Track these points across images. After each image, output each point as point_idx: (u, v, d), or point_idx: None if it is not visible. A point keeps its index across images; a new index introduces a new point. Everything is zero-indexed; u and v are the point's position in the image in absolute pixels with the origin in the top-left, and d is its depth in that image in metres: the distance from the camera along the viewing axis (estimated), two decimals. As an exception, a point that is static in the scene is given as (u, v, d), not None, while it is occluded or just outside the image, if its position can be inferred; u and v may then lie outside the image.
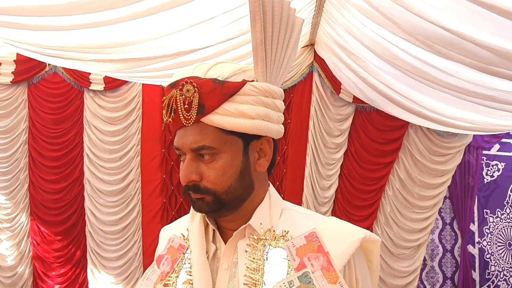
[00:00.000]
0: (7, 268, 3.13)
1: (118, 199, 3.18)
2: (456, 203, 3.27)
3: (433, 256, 3.29)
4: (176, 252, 0.81)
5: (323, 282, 0.68)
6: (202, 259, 0.74)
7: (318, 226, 0.74)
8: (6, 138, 3.18)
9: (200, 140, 0.70)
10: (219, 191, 0.71)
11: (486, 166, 3.33)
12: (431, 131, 3.16)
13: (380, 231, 3.26)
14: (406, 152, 3.24)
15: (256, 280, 0.71)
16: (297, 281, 0.69)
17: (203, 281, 0.72)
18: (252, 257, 0.72)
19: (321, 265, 0.69)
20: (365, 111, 3.21)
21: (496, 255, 3.24)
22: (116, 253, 3.16)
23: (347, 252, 0.70)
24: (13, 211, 3.17)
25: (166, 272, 0.79)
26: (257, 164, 0.75)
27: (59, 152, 3.19)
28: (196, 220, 0.79)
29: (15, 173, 3.18)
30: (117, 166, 3.18)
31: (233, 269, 0.74)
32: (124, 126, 3.19)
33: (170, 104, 0.71)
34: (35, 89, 3.21)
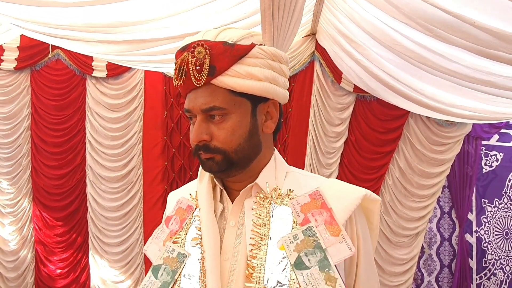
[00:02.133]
0: (10, 253, 3.16)
1: (120, 186, 3.21)
2: (454, 193, 3.31)
3: (431, 244, 3.33)
4: (184, 213, 0.84)
5: (326, 235, 0.71)
6: (211, 216, 0.77)
7: (321, 185, 0.77)
8: (8, 124, 3.20)
9: (210, 101, 0.73)
10: (229, 150, 0.74)
11: (485, 156, 3.36)
12: (431, 121, 3.19)
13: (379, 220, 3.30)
14: (406, 142, 3.27)
15: (262, 234, 0.74)
16: (302, 234, 0.72)
17: (212, 237, 0.75)
18: (259, 214, 0.75)
19: (324, 220, 0.73)
20: (365, 101, 3.23)
21: (493, 244, 3.29)
22: (117, 239, 3.19)
23: (349, 208, 0.73)
24: (16, 196, 3.20)
25: (175, 231, 0.82)
26: (264, 126, 0.78)
27: (61, 138, 3.21)
28: (204, 181, 0.82)
29: (18, 158, 3.20)
30: (119, 152, 3.21)
31: (240, 227, 0.77)
32: (126, 113, 3.21)
33: (182, 67, 0.74)
34: (38, 75, 3.23)
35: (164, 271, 0.77)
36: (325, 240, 0.71)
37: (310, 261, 0.69)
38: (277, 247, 0.72)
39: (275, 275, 0.70)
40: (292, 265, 0.70)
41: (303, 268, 0.69)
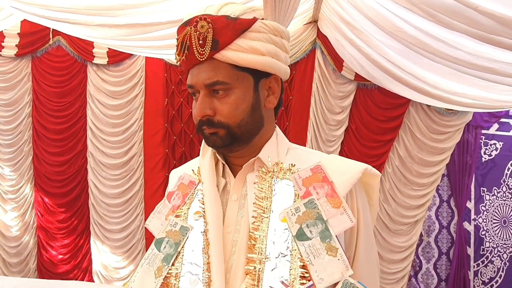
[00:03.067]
0: (12, 238, 3.19)
1: (121, 173, 3.23)
2: (453, 181, 3.33)
3: (429, 232, 3.36)
4: (186, 188, 0.85)
5: (328, 207, 0.72)
6: (213, 190, 0.79)
7: (322, 160, 0.79)
8: (10, 111, 3.21)
9: (213, 76, 0.73)
10: (232, 124, 0.75)
11: (484, 145, 3.37)
12: (432, 109, 3.20)
13: (378, 207, 3.32)
14: (406, 130, 3.28)
15: (264, 207, 0.75)
16: (303, 207, 0.73)
17: (215, 210, 0.77)
18: (261, 188, 0.77)
19: (325, 193, 0.74)
20: (366, 89, 3.24)
21: (491, 232, 3.32)
22: (118, 226, 3.22)
23: (349, 182, 0.75)
24: (18, 183, 3.22)
25: (177, 205, 0.84)
26: (266, 101, 0.79)
27: (62, 125, 3.22)
28: (206, 156, 0.83)
29: (19, 145, 3.22)
30: (120, 140, 3.22)
31: (242, 201, 0.79)
32: (127, 100, 3.22)
33: (184, 42, 0.74)
34: (38, 62, 3.23)
35: (167, 244, 0.78)
36: (326, 212, 0.72)
37: (312, 232, 0.71)
38: (279, 220, 0.74)
39: (277, 246, 0.72)
40: (294, 236, 0.71)
41: (304, 239, 0.71)
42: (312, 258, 0.69)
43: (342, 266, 0.68)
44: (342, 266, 0.68)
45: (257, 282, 0.69)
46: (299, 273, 0.69)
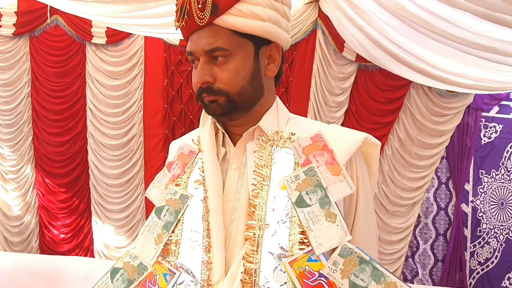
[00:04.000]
0: (14, 218, 3.23)
1: (121, 153, 3.23)
2: (452, 163, 3.34)
3: (427, 213, 3.39)
4: (186, 157, 0.85)
5: (327, 175, 0.73)
6: (213, 158, 0.79)
7: (322, 129, 0.79)
8: (9, 91, 3.20)
9: (213, 41, 0.73)
10: (232, 92, 0.74)
11: (484, 128, 3.37)
12: (432, 91, 3.18)
13: (377, 189, 3.34)
14: (407, 112, 3.27)
15: (264, 175, 0.76)
16: (303, 175, 0.74)
17: (214, 178, 0.77)
18: (261, 156, 0.77)
19: (325, 160, 0.74)
20: (367, 70, 3.21)
21: (488, 214, 3.35)
22: (119, 206, 3.25)
23: (349, 150, 0.75)
24: (18, 163, 3.23)
25: (177, 175, 0.84)
26: (267, 69, 0.79)
27: (62, 105, 3.22)
28: (206, 125, 0.83)
29: (19, 125, 3.22)
30: (120, 120, 3.22)
31: (242, 169, 0.79)
32: (126, 81, 3.20)
33: (184, 6, 0.73)
34: (37, 41, 3.19)
35: (167, 212, 0.79)
36: (326, 179, 0.73)
37: (311, 199, 0.72)
38: (278, 187, 0.74)
39: (277, 213, 0.72)
40: (293, 203, 0.72)
41: (304, 206, 0.71)
42: (311, 224, 0.70)
43: (341, 231, 0.69)
44: (341, 232, 0.69)
45: (256, 248, 0.70)
46: (298, 239, 0.70)
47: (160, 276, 0.74)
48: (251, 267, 0.69)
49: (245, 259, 0.70)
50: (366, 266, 0.66)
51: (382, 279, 0.66)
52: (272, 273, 0.69)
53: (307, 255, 0.68)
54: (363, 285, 0.65)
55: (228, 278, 0.70)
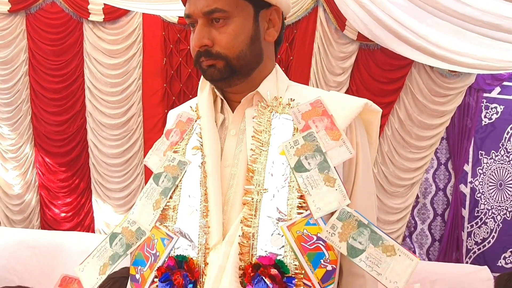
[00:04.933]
0: (15, 196, 3.24)
1: (120, 133, 3.23)
2: (452, 144, 3.33)
3: (425, 194, 3.41)
4: (184, 125, 0.85)
5: (327, 139, 0.72)
6: (211, 123, 0.78)
7: (322, 95, 0.78)
8: (6, 69, 3.17)
9: (212, 3, 0.71)
10: (231, 55, 0.73)
11: (485, 109, 3.36)
12: (434, 71, 3.15)
13: (376, 169, 3.35)
14: (408, 92, 3.25)
15: (262, 141, 0.75)
16: (302, 140, 0.73)
17: (213, 143, 0.76)
18: (259, 121, 0.76)
19: (325, 126, 0.73)
20: (368, 49, 3.17)
21: (486, 194, 3.36)
22: (119, 185, 3.26)
23: (349, 116, 0.74)
24: (17, 142, 3.22)
25: (175, 142, 0.84)
26: (266, 33, 0.77)
27: (60, 84, 3.19)
28: (205, 92, 0.82)
29: (17, 104, 3.20)
30: (119, 100, 3.19)
31: (241, 136, 0.78)
32: (124, 60, 3.16)
33: None
34: (33, 19, 3.15)
35: (165, 178, 0.79)
36: (325, 144, 0.72)
37: (310, 164, 0.71)
38: (277, 153, 0.74)
39: (275, 178, 0.72)
40: (292, 168, 0.72)
41: (302, 171, 0.71)
42: (310, 189, 0.70)
43: (340, 196, 0.69)
44: (340, 196, 0.69)
45: (254, 212, 0.70)
46: (297, 203, 0.70)
47: (158, 240, 0.74)
48: (249, 231, 0.69)
49: (243, 223, 0.70)
50: (364, 229, 0.67)
51: (380, 242, 0.66)
52: (270, 237, 0.69)
53: (305, 219, 0.68)
54: (361, 248, 0.66)
55: (226, 241, 0.70)
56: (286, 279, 0.65)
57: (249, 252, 0.69)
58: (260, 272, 0.65)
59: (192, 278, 0.69)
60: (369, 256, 0.65)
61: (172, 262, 0.70)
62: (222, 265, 0.67)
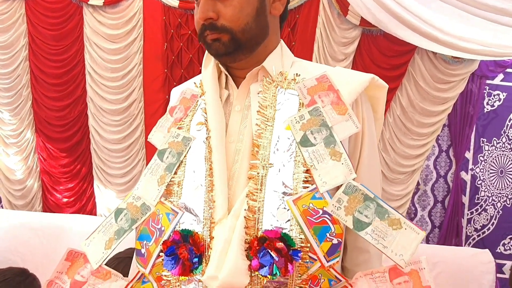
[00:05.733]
0: (17, 182, 3.25)
1: (121, 118, 3.22)
2: (454, 131, 3.33)
3: (426, 181, 3.42)
4: (188, 101, 0.84)
5: (333, 114, 0.72)
6: (216, 99, 0.77)
7: (328, 70, 0.77)
8: (6, 54, 3.14)
9: None
10: (236, 29, 0.72)
11: (487, 96, 3.34)
12: (437, 57, 3.13)
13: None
14: (410, 79, 3.23)
15: (268, 116, 0.74)
16: (308, 115, 0.73)
17: (217, 118, 0.76)
18: (264, 97, 0.76)
19: (331, 100, 0.73)
20: (371, 35, 3.14)
21: (487, 181, 3.37)
22: (121, 170, 3.26)
23: (356, 90, 0.74)
24: (18, 127, 3.22)
25: (179, 118, 0.83)
26: (272, 7, 0.76)
27: (60, 69, 3.17)
28: (209, 67, 0.81)
29: (18, 89, 3.18)
30: (120, 85, 3.18)
31: (245, 111, 0.78)
32: (125, 44, 3.14)
33: None
34: (32, 3, 3.11)
35: (169, 154, 0.78)
36: (331, 119, 0.71)
37: (316, 138, 0.71)
38: (282, 127, 0.73)
39: (280, 153, 0.72)
40: (298, 143, 0.71)
41: (308, 145, 0.71)
42: (315, 163, 0.69)
43: (346, 169, 0.68)
44: (346, 170, 0.68)
45: (260, 186, 0.70)
46: (303, 178, 0.69)
47: (163, 215, 0.74)
48: (254, 205, 0.69)
49: (249, 197, 0.70)
50: (371, 203, 0.66)
51: (386, 215, 0.66)
52: (276, 211, 0.69)
53: (311, 193, 0.68)
54: (367, 221, 0.66)
55: (232, 215, 0.70)
56: (292, 252, 0.65)
57: (255, 226, 0.69)
58: (266, 245, 0.65)
59: (198, 252, 0.69)
60: (375, 230, 0.65)
61: (178, 236, 0.70)
62: (227, 238, 0.67)
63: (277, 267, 0.65)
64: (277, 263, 0.65)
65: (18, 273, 1.25)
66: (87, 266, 0.76)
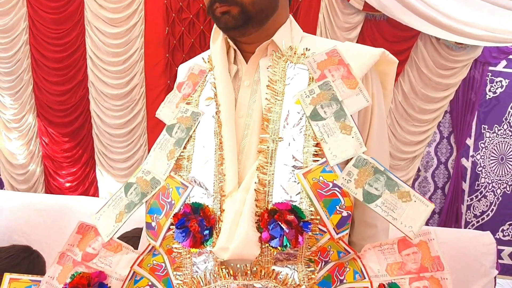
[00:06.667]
0: (19, 166, 3.26)
1: (123, 103, 3.21)
2: (455, 118, 3.33)
3: (427, 167, 3.43)
4: (197, 77, 0.84)
5: (343, 88, 0.72)
6: (225, 73, 0.77)
7: (338, 45, 0.76)
8: (6, 38, 3.12)
9: None
10: (246, 1, 0.71)
11: (490, 82, 3.33)
12: (441, 43, 3.11)
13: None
14: (413, 65, 3.21)
15: (277, 91, 0.74)
16: (318, 89, 0.72)
17: (226, 92, 0.76)
18: (274, 71, 0.75)
19: (341, 75, 0.73)
20: (374, 20, 3.12)
21: (487, 168, 3.39)
22: (123, 155, 3.27)
23: (366, 64, 0.73)
24: (20, 112, 3.21)
25: (188, 94, 0.83)
26: None
27: (61, 53, 3.15)
28: (217, 42, 0.81)
29: (19, 74, 3.17)
30: (121, 70, 3.16)
31: (255, 86, 0.78)
32: (126, 28, 3.11)
33: None
34: (32, -15, 3.07)
35: (178, 129, 0.78)
36: (341, 93, 0.71)
37: (326, 112, 0.71)
38: (292, 102, 0.73)
39: (290, 127, 0.72)
40: (308, 117, 0.71)
41: (318, 119, 0.71)
42: (325, 137, 0.70)
43: (356, 143, 0.69)
44: (356, 143, 0.69)
45: (270, 160, 0.70)
46: (313, 151, 0.70)
47: (173, 189, 0.74)
48: (264, 178, 0.69)
49: (259, 170, 0.70)
50: (381, 176, 0.67)
51: (396, 188, 0.66)
52: (286, 184, 0.69)
53: (321, 166, 0.69)
54: (377, 193, 0.66)
55: (242, 188, 0.70)
56: (302, 224, 0.66)
57: (265, 199, 0.69)
58: (277, 217, 0.66)
59: (208, 224, 0.70)
60: (385, 202, 0.65)
61: (188, 209, 0.70)
62: (238, 210, 0.68)
63: (287, 238, 0.66)
64: (287, 235, 0.65)
65: (22, 249, 1.26)
66: (98, 239, 0.77)
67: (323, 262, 0.71)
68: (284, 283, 0.69)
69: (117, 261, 0.76)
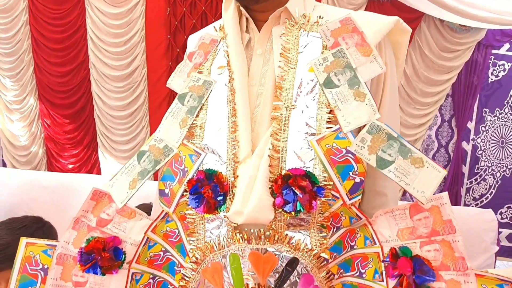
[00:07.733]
0: (21, 148, 3.26)
1: (124, 85, 3.19)
2: (457, 101, 3.33)
3: (427, 150, 3.45)
4: (208, 46, 0.83)
5: (357, 56, 0.72)
6: (238, 41, 0.77)
7: (352, 13, 0.76)
8: (6, 18, 3.08)
9: None
10: None
11: (492, 66, 3.32)
12: (444, 26, 3.09)
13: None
14: (415, 47, 3.20)
15: (290, 59, 0.74)
16: (332, 57, 0.72)
17: (239, 60, 0.75)
18: (287, 39, 0.75)
19: (355, 42, 0.72)
20: (378, 2, 3.09)
21: (487, 152, 3.41)
22: (125, 137, 3.27)
23: (380, 32, 0.73)
24: (21, 93, 3.20)
25: (199, 63, 0.83)
26: None
27: (61, 34, 3.12)
28: (229, 10, 0.80)
29: (19, 55, 3.14)
30: (122, 51, 3.13)
31: (267, 55, 0.77)
32: (127, 9, 3.07)
33: None
34: (31, -36, 3.02)
35: (190, 98, 0.78)
36: (355, 61, 0.71)
37: (340, 80, 0.71)
38: (305, 70, 0.73)
39: (303, 95, 0.72)
40: (321, 84, 0.71)
41: (332, 87, 0.71)
42: (339, 104, 0.70)
43: (370, 110, 0.69)
44: (370, 110, 0.69)
45: (283, 127, 0.71)
46: (326, 118, 0.70)
47: (186, 157, 0.75)
48: (278, 144, 0.70)
49: (273, 137, 0.70)
50: (394, 142, 0.67)
51: (409, 154, 0.67)
52: (299, 151, 0.70)
53: (334, 133, 0.69)
54: (390, 159, 0.67)
55: (256, 154, 0.70)
56: (316, 189, 0.67)
57: (279, 165, 0.70)
58: (290, 182, 0.67)
59: (222, 190, 0.71)
60: (398, 167, 0.66)
61: (202, 175, 0.71)
62: (252, 175, 0.68)
63: (300, 204, 0.66)
64: (301, 200, 0.66)
65: (35, 220, 1.28)
66: (112, 205, 0.78)
67: (335, 228, 0.72)
68: (296, 248, 0.70)
69: (131, 227, 0.77)
